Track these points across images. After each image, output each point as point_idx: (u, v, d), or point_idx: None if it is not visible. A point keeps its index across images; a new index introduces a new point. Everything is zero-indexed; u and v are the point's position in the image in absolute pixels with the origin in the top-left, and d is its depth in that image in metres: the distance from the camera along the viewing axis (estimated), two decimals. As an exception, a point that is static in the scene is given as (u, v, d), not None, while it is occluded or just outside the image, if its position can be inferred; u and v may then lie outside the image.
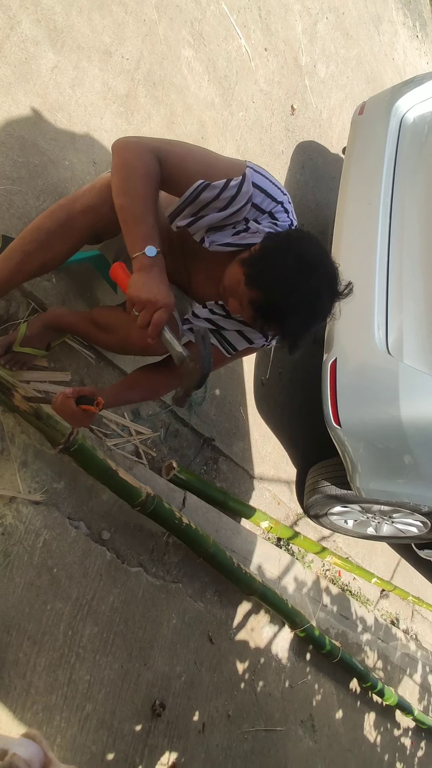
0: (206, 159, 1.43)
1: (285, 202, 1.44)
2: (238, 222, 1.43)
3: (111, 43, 2.28)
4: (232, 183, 1.37)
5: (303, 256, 1.30)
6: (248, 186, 1.38)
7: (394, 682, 3.48)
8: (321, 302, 1.34)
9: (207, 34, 2.81)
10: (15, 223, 1.83)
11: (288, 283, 1.28)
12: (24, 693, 1.57)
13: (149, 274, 1.30)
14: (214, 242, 1.46)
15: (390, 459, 2.40)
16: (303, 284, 1.28)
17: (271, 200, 1.42)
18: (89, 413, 1.47)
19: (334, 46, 3.92)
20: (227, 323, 1.65)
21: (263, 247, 1.37)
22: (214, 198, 1.38)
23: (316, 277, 1.30)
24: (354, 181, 2.64)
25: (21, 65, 1.94)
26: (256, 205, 1.41)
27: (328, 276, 1.34)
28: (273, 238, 1.38)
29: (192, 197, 1.40)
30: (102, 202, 1.47)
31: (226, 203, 1.39)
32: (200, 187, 1.38)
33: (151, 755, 1.87)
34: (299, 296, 1.29)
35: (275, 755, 2.38)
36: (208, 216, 1.42)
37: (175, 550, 2.13)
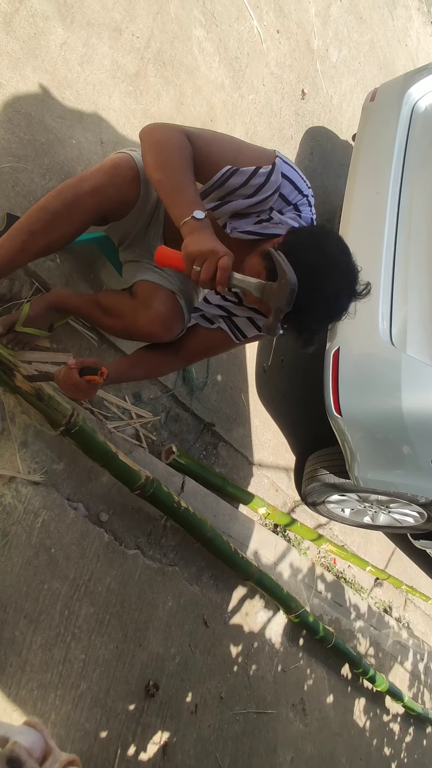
0: (234, 145, 1.43)
1: (309, 196, 1.45)
2: (262, 211, 1.43)
3: (121, 20, 2.24)
4: (262, 170, 1.37)
5: (326, 255, 1.30)
6: (277, 176, 1.38)
7: (386, 668, 3.52)
8: (340, 302, 1.34)
9: (219, 14, 2.76)
10: (20, 201, 1.82)
11: (310, 281, 1.27)
12: (19, 670, 1.59)
13: (202, 233, 1.28)
14: (236, 229, 1.46)
15: (389, 449, 2.40)
16: (324, 283, 1.28)
17: (298, 192, 1.42)
18: (93, 384, 1.45)
19: (347, 30, 3.87)
20: (238, 310, 1.65)
21: (287, 242, 1.35)
22: (242, 184, 1.38)
23: (337, 277, 1.30)
24: (363, 169, 2.62)
25: (30, 40, 1.91)
26: (284, 196, 1.41)
27: (350, 276, 1.34)
28: (297, 234, 1.37)
29: (220, 181, 1.39)
30: (109, 183, 1.46)
31: (253, 191, 1.39)
32: (228, 171, 1.38)
33: (144, 734, 1.90)
34: (320, 295, 1.28)
35: (266, 737, 2.41)
36: (234, 202, 1.42)
37: (172, 533, 2.14)
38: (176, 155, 1.34)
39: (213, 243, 1.26)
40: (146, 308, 1.63)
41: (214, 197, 1.44)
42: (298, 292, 1.24)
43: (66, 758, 0.56)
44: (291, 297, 1.23)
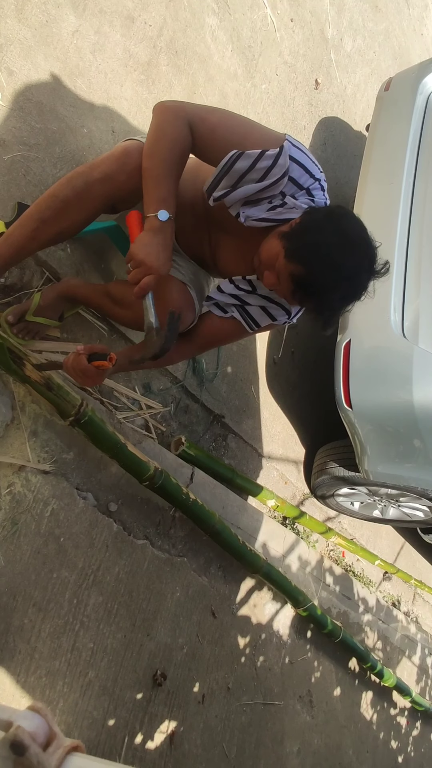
0: (242, 129, 1.42)
1: (322, 180, 1.43)
2: (274, 196, 1.41)
3: (134, 8, 2.22)
4: (269, 153, 1.36)
5: (346, 233, 1.30)
6: (285, 159, 1.36)
7: (393, 663, 3.51)
8: (360, 280, 1.33)
9: (232, 2, 2.73)
10: (31, 190, 1.81)
11: (330, 259, 1.27)
12: (28, 658, 1.60)
13: (155, 238, 1.34)
14: (250, 217, 1.44)
15: (400, 443, 2.39)
16: (344, 261, 1.28)
17: (309, 176, 1.40)
18: (102, 369, 1.43)
19: (362, 19, 3.82)
20: (251, 299, 1.64)
21: (305, 221, 1.35)
22: (249, 168, 1.37)
23: (357, 255, 1.30)
24: (376, 160, 2.59)
25: (42, 28, 1.90)
26: (294, 180, 1.39)
27: (369, 254, 1.33)
28: (314, 213, 1.37)
29: (227, 167, 1.38)
30: (120, 170, 1.45)
31: (262, 174, 1.37)
32: (234, 156, 1.37)
33: (151, 723, 1.91)
34: (340, 273, 1.28)
35: (272, 728, 2.42)
36: (244, 187, 1.40)
37: (181, 524, 2.14)
38: (166, 148, 1.36)
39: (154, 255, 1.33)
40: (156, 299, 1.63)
41: (224, 185, 1.42)
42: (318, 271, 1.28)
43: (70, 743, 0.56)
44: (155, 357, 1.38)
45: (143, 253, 1.33)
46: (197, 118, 1.39)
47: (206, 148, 1.41)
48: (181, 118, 1.37)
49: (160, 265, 1.34)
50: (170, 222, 1.35)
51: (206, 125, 1.39)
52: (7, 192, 1.76)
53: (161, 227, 1.34)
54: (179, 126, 1.37)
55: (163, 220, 1.34)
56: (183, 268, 1.72)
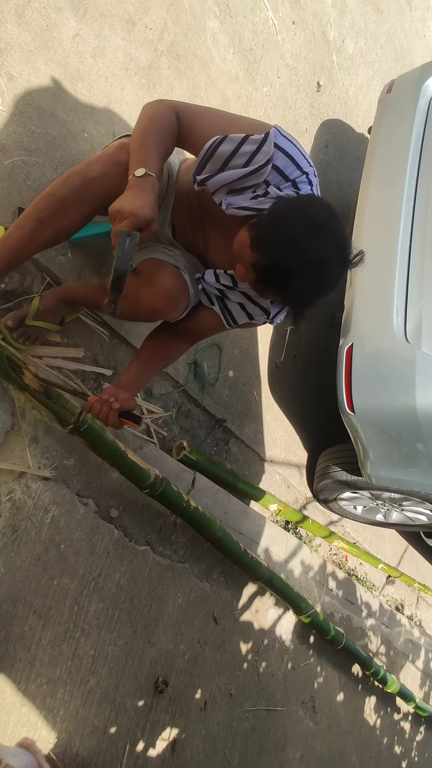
0: (228, 117, 1.41)
1: (310, 174, 1.39)
2: (258, 185, 1.37)
3: (135, 11, 2.22)
4: (253, 137, 1.33)
5: (311, 219, 1.24)
6: (269, 146, 1.33)
7: (397, 667, 3.49)
8: (328, 268, 1.26)
9: (233, 5, 2.73)
10: (32, 195, 1.80)
11: (292, 245, 1.21)
12: (29, 665, 1.59)
13: (132, 191, 1.28)
14: (231, 205, 1.40)
15: (402, 447, 2.37)
16: (309, 247, 1.21)
17: (295, 167, 1.36)
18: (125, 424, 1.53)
19: (364, 21, 3.81)
20: (232, 294, 1.61)
21: (271, 210, 1.32)
22: (233, 152, 1.34)
23: (324, 242, 1.24)
24: (379, 162, 2.58)
25: (42, 32, 1.90)
26: (279, 169, 1.35)
27: (337, 242, 1.26)
28: (282, 201, 1.33)
29: (210, 151, 1.36)
30: (115, 165, 1.43)
31: (245, 159, 1.34)
32: (217, 140, 1.35)
33: (153, 730, 1.89)
34: (303, 259, 1.22)
35: (275, 734, 2.40)
36: (227, 172, 1.37)
37: (182, 530, 2.13)
38: (146, 123, 1.36)
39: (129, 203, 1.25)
40: (150, 284, 1.60)
41: (208, 170, 1.40)
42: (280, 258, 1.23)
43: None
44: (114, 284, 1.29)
45: (119, 203, 1.26)
46: (183, 106, 1.41)
47: (191, 134, 1.40)
48: (165, 105, 1.39)
49: (136, 208, 1.24)
50: (149, 178, 1.29)
51: (192, 111, 1.41)
52: (7, 197, 1.75)
53: (138, 182, 1.28)
54: (162, 108, 1.38)
55: (139, 176, 1.28)
56: (178, 256, 1.67)
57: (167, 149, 1.40)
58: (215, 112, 1.44)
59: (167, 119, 1.38)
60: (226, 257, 1.57)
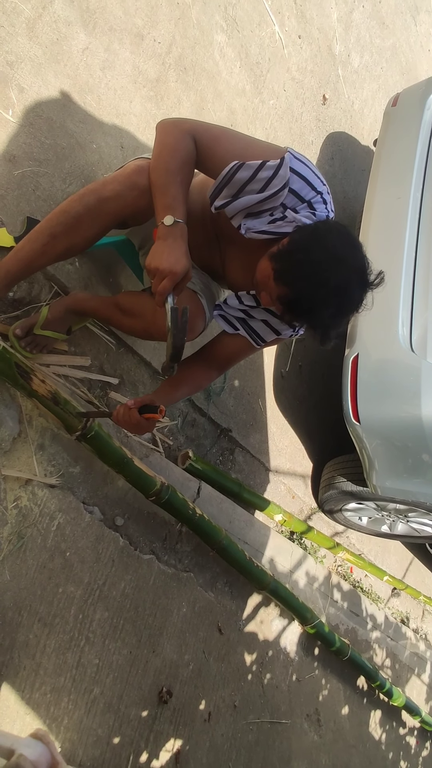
0: (244, 141, 1.43)
1: (324, 193, 1.42)
2: (275, 208, 1.41)
3: (143, 25, 2.25)
4: (269, 164, 1.36)
5: (330, 249, 1.29)
6: (285, 170, 1.36)
7: (402, 681, 3.46)
8: (350, 294, 1.32)
9: (240, 20, 2.76)
10: (40, 205, 1.82)
11: (315, 278, 1.26)
12: (33, 674, 1.58)
13: (164, 243, 1.34)
14: (250, 229, 1.45)
15: (408, 458, 2.37)
16: (330, 278, 1.26)
17: (310, 189, 1.40)
18: (152, 420, 1.51)
19: (369, 36, 3.85)
20: (255, 312, 1.64)
21: (290, 242, 1.35)
22: (250, 178, 1.37)
23: (344, 270, 1.28)
24: (384, 175, 2.59)
25: (52, 45, 1.93)
26: (295, 192, 1.38)
27: (357, 267, 1.32)
28: (300, 232, 1.36)
29: (227, 177, 1.39)
30: (132, 187, 1.46)
31: (262, 185, 1.38)
32: (235, 166, 1.38)
33: (157, 741, 1.88)
34: (327, 290, 1.27)
35: (279, 747, 2.38)
36: (244, 197, 1.41)
37: (187, 539, 2.13)
38: (168, 157, 1.37)
39: (166, 259, 1.32)
40: None
41: (225, 194, 1.43)
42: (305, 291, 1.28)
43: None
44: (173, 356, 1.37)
45: (155, 260, 1.33)
46: (200, 129, 1.42)
47: (209, 158, 1.42)
48: (183, 131, 1.40)
49: (172, 265, 1.32)
50: (177, 225, 1.34)
51: (209, 135, 1.42)
52: (17, 207, 1.77)
53: (169, 231, 1.34)
54: (180, 136, 1.39)
55: (168, 225, 1.34)
56: (195, 278, 1.72)
57: (189, 183, 1.43)
58: (231, 135, 1.45)
59: (187, 150, 1.39)
60: (246, 276, 1.60)
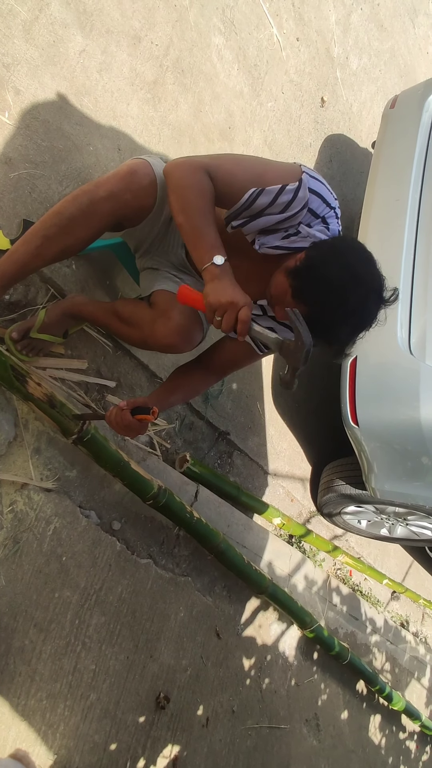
0: (257, 168, 1.43)
1: (336, 208, 1.45)
2: (291, 226, 1.43)
3: (140, 28, 2.25)
4: (288, 187, 1.38)
5: (350, 268, 1.29)
6: (305, 192, 1.38)
7: (402, 685, 3.44)
8: (368, 312, 1.33)
9: (238, 22, 2.76)
10: (37, 207, 1.82)
11: (335, 297, 1.27)
12: (29, 680, 1.57)
13: (222, 281, 1.32)
14: (264, 245, 1.46)
15: (407, 461, 2.36)
16: (350, 296, 1.27)
17: (326, 206, 1.42)
18: (145, 422, 1.50)
19: (368, 38, 3.85)
20: (260, 320, 1.64)
21: (309, 258, 1.35)
22: (270, 203, 1.39)
23: (363, 288, 1.29)
24: (383, 177, 2.59)
25: (49, 48, 1.92)
26: (312, 210, 1.41)
27: (376, 287, 1.32)
28: (318, 249, 1.37)
29: (247, 204, 1.40)
30: (125, 188, 1.45)
31: (282, 208, 1.39)
32: (254, 193, 1.38)
33: (154, 747, 1.87)
34: (347, 309, 1.28)
35: (278, 753, 2.37)
36: (264, 218, 1.42)
37: (185, 543, 2.12)
38: (197, 198, 1.36)
39: (233, 293, 1.30)
40: (165, 319, 1.62)
41: (243, 216, 1.44)
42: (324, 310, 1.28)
43: None
44: (307, 356, 1.31)
45: (222, 296, 1.30)
46: (213, 166, 1.40)
47: (226, 192, 1.42)
48: (198, 170, 1.38)
49: (243, 296, 1.31)
50: (227, 264, 1.35)
51: (223, 170, 1.40)
52: (13, 209, 1.77)
53: (222, 271, 1.33)
54: (199, 175, 1.37)
55: (220, 264, 1.33)
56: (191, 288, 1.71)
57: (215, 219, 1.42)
58: (244, 167, 1.44)
59: (210, 190, 1.38)
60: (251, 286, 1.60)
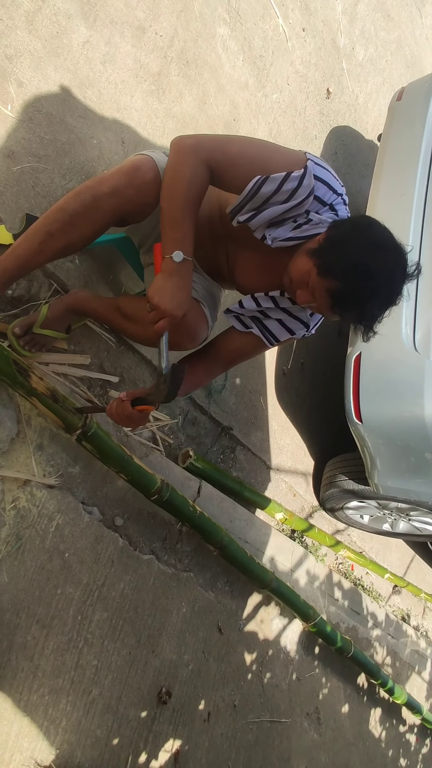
0: (263, 155, 1.41)
1: (343, 194, 1.44)
2: (299, 215, 1.41)
3: (145, 18, 2.22)
4: (294, 174, 1.36)
5: (376, 241, 1.30)
6: (310, 179, 1.36)
7: (403, 678, 3.46)
8: (396, 285, 1.33)
9: (244, 12, 2.72)
10: (40, 201, 1.80)
11: (365, 269, 1.27)
12: (31, 675, 1.57)
13: (170, 280, 1.36)
14: (276, 238, 1.45)
15: (410, 457, 2.35)
16: (379, 269, 1.28)
17: (333, 193, 1.41)
18: (145, 413, 1.50)
19: (374, 28, 3.80)
20: (271, 312, 1.63)
21: (332, 236, 1.35)
22: (275, 191, 1.37)
23: (390, 261, 1.30)
24: (388, 171, 2.56)
25: (52, 39, 1.90)
26: (319, 198, 1.40)
27: (401, 258, 1.33)
28: (341, 227, 1.37)
29: (252, 192, 1.39)
30: (128, 184, 1.44)
31: (287, 196, 1.38)
32: (259, 181, 1.37)
33: (156, 742, 1.88)
34: (377, 281, 1.28)
35: (279, 746, 2.38)
36: (269, 209, 1.40)
37: (188, 538, 2.12)
38: (183, 189, 1.36)
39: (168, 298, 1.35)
40: None
41: (248, 208, 1.42)
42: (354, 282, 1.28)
43: None
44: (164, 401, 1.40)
45: (158, 296, 1.35)
46: (217, 153, 1.38)
47: (229, 179, 1.41)
48: (199, 158, 1.37)
49: (174, 308, 1.35)
50: (186, 262, 1.36)
51: (227, 158, 1.39)
52: (16, 203, 1.75)
53: (176, 268, 1.35)
54: (196, 166, 1.36)
55: (177, 261, 1.34)
56: (197, 284, 1.71)
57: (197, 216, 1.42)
58: (250, 150, 1.42)
59: (202, 184, 1.38)
60: (260, 279, 1.60)
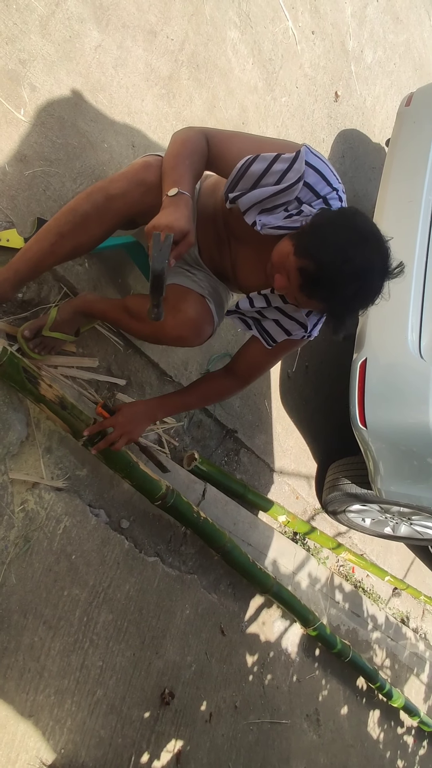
0: (257, 139, 1.44)
1: (340, 191, 1.41)
2: (289, 202, 1.39)
3: (156, 22, 2.22)
4: (284, 156, 1.35)
5: (356, 227, 1.26)
6: (301, 164, 1.34)
7: (401, 680, 3.48)
8: (372, 277, 1.28)
9: (254, 15, 2.73)
10: (51, 205, 1.81)
11: (340, 252, 1.22)
12: (37, 676, 1.59)
13: (165, 209, 1.29)
14: (266, 225, 1.41)
15: (414, 463, 2.36)
16: (356, 254, 1.22)
17: (326, 184, 1.37)
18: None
19: (383, 31, 3.80)
20: (267, 312, 1.62)
21: (315, 220, 1.32)
22: (265, 170, 1.36)
23: (369, 250, 1.25)
24: (396, 176, 2.57)
25: (65, 43, 1.90)
26: (310, 186, 1.36)
27: (381, 250, 1.28)
28: (324, 213, 1.34)
29: (242, 170, 1.38)
30: (139, 184, 1.44)
31: (277, 177, 1.36)
32: (250, 159, 1.37)
33: (158, 742, 1.90)
34: (351, 266, 1.22)
35: (279, 747, 2.40)
36: (259, 189, 1.38)
37: (192, 541, 2.13)
38: (179, 146, 1.39)
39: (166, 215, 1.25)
40: (175, 312, 1.60)
41: (240, 187, 1.41)
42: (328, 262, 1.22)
43: None
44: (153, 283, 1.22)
45: (153, 221, 1.25)
46: (213, 131, 1.44)
47: (222, 157, 1.42)
48: (194, 130, 1.43)
49: (171, 221, 1.25)
50: (181, 195, 1.30)
51: (222, 134, 1.44)
52: (27, 207, 1.76)
53: (170, 201, 1.30)
54: (192, 133, 1.42)
55: (171, 195, 1.30)
56: (202, 282, 1.71)
57: (198, 171, 1.41)
58: (245, 135, 1.46)
59: (198, 144, 1.41)
60: (257, 277, 1.58)
